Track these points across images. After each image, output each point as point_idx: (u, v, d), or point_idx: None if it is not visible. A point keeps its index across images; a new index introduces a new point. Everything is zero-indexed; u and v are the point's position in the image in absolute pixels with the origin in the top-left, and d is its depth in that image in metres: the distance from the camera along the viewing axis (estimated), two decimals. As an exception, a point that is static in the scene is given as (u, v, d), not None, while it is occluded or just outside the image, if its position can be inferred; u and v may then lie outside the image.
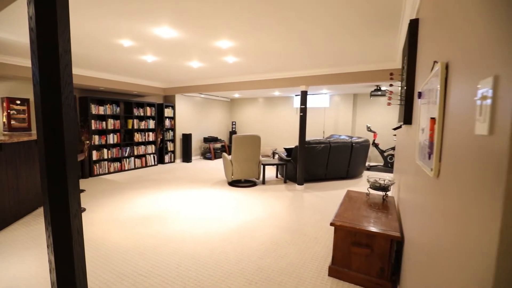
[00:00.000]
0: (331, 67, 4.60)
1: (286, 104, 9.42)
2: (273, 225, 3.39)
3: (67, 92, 1.23)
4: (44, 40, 1.17)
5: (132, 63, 4.57)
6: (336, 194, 4.87)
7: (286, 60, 4.22)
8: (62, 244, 1.28)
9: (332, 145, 5.62)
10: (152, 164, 7.52)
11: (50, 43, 1.17)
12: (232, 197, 4.56)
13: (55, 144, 1.21)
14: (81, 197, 4.50)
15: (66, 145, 1.24)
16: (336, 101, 8.43)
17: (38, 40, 1.16)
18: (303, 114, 4.96)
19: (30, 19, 1.17)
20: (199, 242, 2.90)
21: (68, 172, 1.25)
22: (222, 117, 10.35)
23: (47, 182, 1.22)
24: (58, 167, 1.22)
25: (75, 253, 1.32)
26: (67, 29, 1.23)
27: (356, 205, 2.70)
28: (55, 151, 1.22)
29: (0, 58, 4.09)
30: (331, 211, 3.95)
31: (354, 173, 6.08)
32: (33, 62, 1.20)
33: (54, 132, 1.21)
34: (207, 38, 3.20)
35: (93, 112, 5.96)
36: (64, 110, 1.22)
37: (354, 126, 8.28)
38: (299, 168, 5.08)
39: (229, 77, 5.94)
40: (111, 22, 2.72)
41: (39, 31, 1.16)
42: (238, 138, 5.13)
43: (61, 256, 1.28)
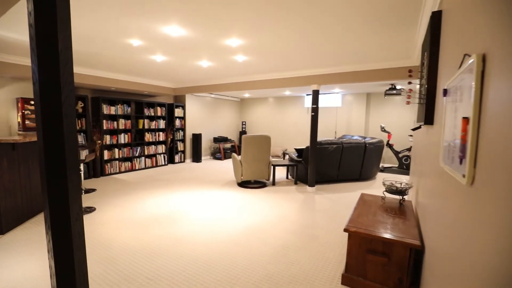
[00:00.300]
0: (345, 65, 4.45)
1: (297, 103, 9.28)
2: (283, 228, 3.29)
3: (68, 90, 1.18)
4: (44, 37, 1.11)
5: (142, 63, 4.57)
6: (349, 197, 4.71)
7: (298, 58, 4.11)
8: (62, 249, 1.23)
9: (345, 145, 5.45)
10: (162, 164, 7.55)
11: (49, 40, 1.12)
12: (242, 199, 4.49)
13: (54, 145, 1.16)
14: (92, 196, 4.56)
15: (67, 146, 1.18)
16: (349, 100, 8.22)
17: (37, 37, 1.11)
18: (315, 114, 4.83)
19: (29, 15, 1.12)
20: (207, 245, 2.83)
21: (69, 174, 1.20)
22: (232, 117, 10.30)
23: (46, 184, 1.17)
24: (57, 169, 1.17)
25: (75, 258, 1.27)
26: (68, 25, 1.17)
27: (371, 210, 2.56)
28: (55, 152, 1.17)
29: (15, 59, 4.17)
30: (343, 215, 3.81)
31: (368, 175, 5.89)
32: (32, 59, 1.15)
33: (53, 132, 1.16)
34: (216, 36, 3.14)
35: (105, 112, 6.02)
36: (64, 110, 1.17)
37: (368, 126, 8.05)
38: (310, 169, 4.95)
39: (239, 77, 5.87)
40: (120, 21, 2.69)
41: (38, 28, 1.10)
42: (247, 138, 5.05)
43: (61, 261, 1.23)
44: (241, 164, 5.15)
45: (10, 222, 3.20)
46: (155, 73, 5.64)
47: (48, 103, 1.14)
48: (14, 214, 3.27)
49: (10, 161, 3.22)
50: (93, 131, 5.79)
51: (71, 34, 1.19)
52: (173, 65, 4.73)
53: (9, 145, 3.19)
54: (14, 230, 3.19)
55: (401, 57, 3.91)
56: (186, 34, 3.05)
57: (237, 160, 5.24)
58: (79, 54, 3.99)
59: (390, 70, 4.21)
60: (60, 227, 1.21)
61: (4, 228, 3.10)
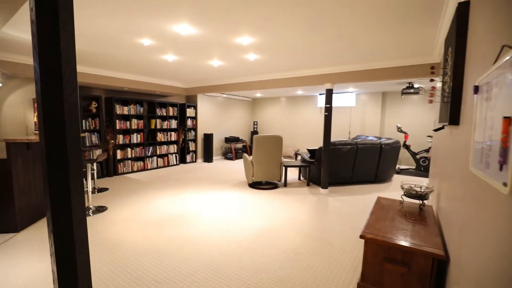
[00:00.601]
0: (360, 63, 4.28)
1: (309, 103, 9.12)
2: (295, 232, 3.19)
3: (70, 89, 1.13)
4: (45, 33, 1.07)
5: (154, 63, 4.57)
6: (364, 200, 4.54)
7: (311, 56, 3.99)
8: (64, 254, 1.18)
9: (359, 146, 5.27)
10: (174, 164, 7.59)
11: (51, 36, 1.07)
12: (252, 200, 4.41)
13: (56, 146, 1.12)
14: (104, 195, 4.61)
15: (69, 146, 1.14)
16: (363, 100, 7.99)
17: (38, 34, 1.07)
18: (328, 114, 4.69)
19: (31, 11, 1.08)
20: (216, 247, 2.77)
21: (71, 176, 1.15)
22: (244, 117, 10.25)
23: (48, 187, 1.13)
24: (59, 170, 1.13)
25: (78, 263, 1.22)
26: (70, 22, 1.12)
27: (388, 215, 2.42)
28: (57, 153, 1.12)
29: (31, 60, 4.26)
30: (358, 218, 3.66)
31: (383, 177, 5.68)
32: (34, 57, 1.11)
33: (55, 132, 1.12)
34: (227, 34, 3.07)
35: (118, 112, 6.10)
36: (66, 109, 1.12)
37: (383, 127, 7.79)
38: (323, 171, 4.81)
39: (251, 76, 5.79)
40: (130, 19, 2.67)
41: (40, 24, 1.06)
42: (259, 138, 4.97)
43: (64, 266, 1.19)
44: (252, 164, 5.07)
45: (25, 220, 3.26)
46: (166, 73, 5.65)
47: (49, 102, 1.10)
48: (29, 213, 3.33)
49: (25, 161, 3.28)
50: (107, 131, 5.87)
51: (74, 31, 1.15)
52: (184, 64, 4.71)
53: (24, 144, 3.25)
54: (28, 228, 3.24)
55: (420, 54, 3.72)
56: (196, 32, 3.00)
57: (248, 160, 5.17)
58: (92, 55, 4.03)
59: (408, 68, 4.02)
60: (63, 231, 1.17)
61: (19, 226, 3.16)
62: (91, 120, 5.68)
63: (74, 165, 1.18)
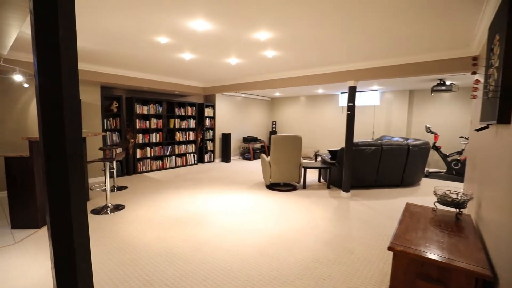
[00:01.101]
0: (387, 58, 3.99)
1: (330, 102, 8.80)
2: (314, 238, 3.00)
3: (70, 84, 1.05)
4: (44, 24, 0.99)
5: (171, 62, 4.56)
6: (389, 205, 4.23)
7: (333, 52, 3.77)
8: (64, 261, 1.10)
9: (384, 147, 4.95)
10: (192, 163, 7.61)
11: (50, 27, 0.99)
12: (270, 202, 4.26)
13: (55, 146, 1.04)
14: (123, 194, 4.65)
15: (69, 147, 1.05)
16: (388, 98, 7.57)
17: (36, 23, 0.99)
18: (351, 113, 4.43)
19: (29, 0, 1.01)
20: (230, 252, 2.65)
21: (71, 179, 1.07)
22: (262, 116, 10.12)
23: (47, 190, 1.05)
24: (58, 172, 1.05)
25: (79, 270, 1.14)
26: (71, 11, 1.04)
27: (420, 224, 2.18)
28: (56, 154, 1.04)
29: (56, 61, 4.39)
30: (383, 225, 3.40)
31: (410, 181, 5.30)
32: (33, 50, 1.04)
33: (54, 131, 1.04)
34: (244, 30, 2.94)
35: (138, 112, 6.19)
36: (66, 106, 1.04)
37: (410, 127, 7.33)
38: (345, 173, 4.56)
39: (269, 74, 5.64)
40: (145, 16, 2.62)
41: (38, 13, 0.98)
42: (277, 138, 4.80)
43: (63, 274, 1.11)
44: (270, 165, 4.92)
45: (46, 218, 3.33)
46: (184, 73, 5.64)
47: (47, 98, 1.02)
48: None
49: (47, 158, 3.35)
50: (127, 130, 5.97)
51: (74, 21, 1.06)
52: (202, 63, 4.66)
53: (46, 143, 3.32)
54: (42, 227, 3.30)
55: (455, 46, 3.38)
56: (212, 28, 2.90)
57: (266, 161, 5.02)
58: (110, 55, 4.07)
59: (441, 62, 3.68)
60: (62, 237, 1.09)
61: (40, 223, 3.23)
62: (112, 119, 5.80)
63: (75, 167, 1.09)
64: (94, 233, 3.04)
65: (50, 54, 1.01)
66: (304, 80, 5.14)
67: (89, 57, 4.24)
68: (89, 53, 4.02)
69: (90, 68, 4.83)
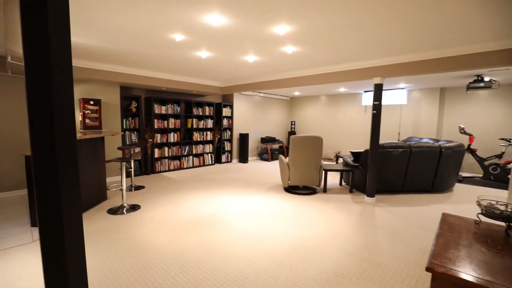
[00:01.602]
0: (417, 52, 3.64)
1: (352, 101, 8.41)
2: (336, 248, 2.76)
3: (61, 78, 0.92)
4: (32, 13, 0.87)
5: (188, 60, 4.48)
6: (420, 213, 3.88)
7: (359, 46, 3.49)
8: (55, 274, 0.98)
9: (413, 149, 4.57)
10: (209, 164, 7.55)
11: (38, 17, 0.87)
12: (288, 206, 4.05)
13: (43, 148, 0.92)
14: (140, 194, 4.64)
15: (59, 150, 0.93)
16: (416, 97, 7.08)
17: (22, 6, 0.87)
18: (377, 112, 4.12)
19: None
20: (245, 260, 2.48)
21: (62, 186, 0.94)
22: (281, 116, 9.89)
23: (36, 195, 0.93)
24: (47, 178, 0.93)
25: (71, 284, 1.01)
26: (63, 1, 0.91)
27: (462, 240, 1.88)
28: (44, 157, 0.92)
29: (76, 62, 4.46)
30: (414, 236, 3.08)
31: (442, 186, 4.87)
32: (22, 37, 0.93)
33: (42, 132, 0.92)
34: (261, 23, 2.77)
35: (156, 112, 6.21)
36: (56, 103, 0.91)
37: (440, 127, 6.80)
38: (370, 177, 4.25)
39: (288, 72, 5.42)
40: (159, 12, 2.52)
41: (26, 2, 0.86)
42: (296, 139, 4.58)
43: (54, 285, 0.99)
44: (289, 167, 4.71)
45: (64, 216, 3.34)
46: (202, 72, 5.56)
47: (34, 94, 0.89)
48: (68, 208, 3.40)
49: (65, 158, 3.36)
50: (145, 130, 6.00)
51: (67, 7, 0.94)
52: (219, 61, 4.54)
53: (64, 142, 3.33)
54: (66, 223, 3.31)
55: (497, 37, 2.99)
56: (228, 22, 2.75)
57: (284, 162, 4.82)
58: (126, 54, 4.05)
59: (481, 56, 3.28)
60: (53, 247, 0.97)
61: (58, 222, 3.24)
62: (131, 119, 5.85)
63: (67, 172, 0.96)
64: (108, 234, 3.00)
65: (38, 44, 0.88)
66: (326, 78, 4.86)
67: (107, 57, 4.26)
68: (106, 53, 4.03)
69: (110, 68, 4.87)
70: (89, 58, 4.36)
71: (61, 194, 0.94)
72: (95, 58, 4.39)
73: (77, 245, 1.01)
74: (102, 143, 4.16)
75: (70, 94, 0.97)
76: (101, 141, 4.14)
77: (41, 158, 0.91)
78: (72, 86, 0.97)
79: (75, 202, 1.00)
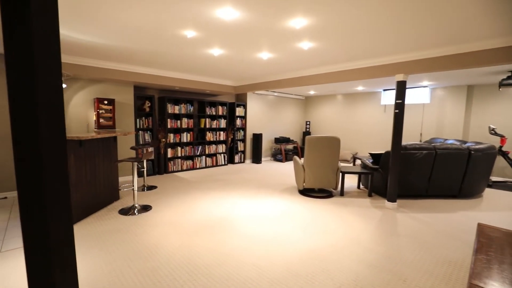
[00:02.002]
0: (446, 45, 3.35)
1: (371, 101, 8.06)
2: (355, 257, 2.55)
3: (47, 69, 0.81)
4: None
5: (200, 59, 4.38)
6: (447, 220, 3.58)
7: (381, 40, 3.26)
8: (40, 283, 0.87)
9: (439, 151, 4.26)
10: (222, 164, 7.46)
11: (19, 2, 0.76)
12: (303, 210, 3.86)
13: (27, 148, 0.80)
14: (152, 194, 4.59)
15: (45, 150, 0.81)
16: (440, 95, 6.67)
17: None
18: (399, 112, 3.85)
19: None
20: (258, 269, 2.33)
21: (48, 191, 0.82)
22: (295, 116, 9.67)
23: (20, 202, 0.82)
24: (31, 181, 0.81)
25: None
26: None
27: (506, 257, 1.64)
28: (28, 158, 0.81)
29: (91, 62, 4.47)
30: (442, 247, 2.82)
31: (471, 191, 4.51)
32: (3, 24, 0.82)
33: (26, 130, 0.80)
34: (277, 16, 2.61)
35: (169, 111, 6.17)
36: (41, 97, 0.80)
37: (467, 128, 6.37)
38: (391, 180, 3.98)
39: (304, 70, 5.22)
40: (167, 7, 2.41)
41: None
42: (312, 139, 4.38)
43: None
44: (304, 168, 4.51)
45: (76, 216, 3.32)
46: (214, 71, 5.47)
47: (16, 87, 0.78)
48: (80, 209, 3.39)
49: (77, 157, 3.34)
50: (158, 130, 5.98)
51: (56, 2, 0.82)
52: (232, 59, 4.41)
53: (76, 142, 3.32)
54: (78, 223, 3.29)
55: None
56: (241, 16, 2.60)
57: (299, 164, 4.62)
58: (139, 53, 4.00)
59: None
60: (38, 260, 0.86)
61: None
62: (145, 119, 5.84)
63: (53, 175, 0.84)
64: (118, 235, 2.94)
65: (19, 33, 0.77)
66: (345, 76, 4.63)
67: (120, 56, 4.23)
68: (118, 52, 4.00)
69: (123, 67, 4.86)
70: (102, 57, 4.36)
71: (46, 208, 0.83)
72: (109, 58, 4.38)
73: (66, 256, 0.89)
74: (114, 142, 4.14)
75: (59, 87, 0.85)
76: (113, 140, 4.12)
77: (24, 160, 0.80)
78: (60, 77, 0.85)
79: (63, 215, 0.89)
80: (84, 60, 4.39)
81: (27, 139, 0.80)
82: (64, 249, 0.88)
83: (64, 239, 0.88)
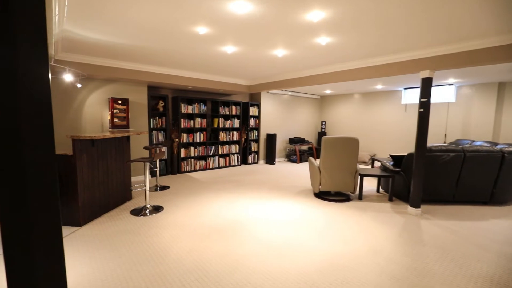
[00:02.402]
0: (479, 38, 3.06)
1: (390, 100, 7.71)
2: (377, 269, 2.35)
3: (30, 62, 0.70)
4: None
5: (213, 57, 4.28)
6: (476, 228, 3.28)
7: (406, 33, 3.03)
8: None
9: (468, 154, 3.94)
10: (235, 164, 7.35)
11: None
12: (319, 214, 3.67)
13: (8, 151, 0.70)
14: (164, 194, 4.54)
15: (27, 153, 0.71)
16: (467, 94, 6.25)
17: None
18: (424, 111, 3.58)
19: None
20: (271, 278, 2.19)
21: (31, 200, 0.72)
22: (311, 116, 9.43)
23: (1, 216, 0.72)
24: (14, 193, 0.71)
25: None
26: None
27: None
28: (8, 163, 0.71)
29: (105, 62, 4.48)
30: (474, 259, 2.56)
31: (503, 198, 4.15)
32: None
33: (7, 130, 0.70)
34: (293, 8, 2.45)
35: (183, 111, 6.14)
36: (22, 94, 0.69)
37: (498, 129, 5.92)
38: (415, 184, 3.72)
39: (321, 68, 5.01)
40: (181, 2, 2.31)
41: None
42: (329, 140, 4.18)
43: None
44: (320, 170, 4.31)
45: (87, 215, 3.31)
46: (228, 69, 5.36)
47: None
48: (92, 208, 3.37)
49: (89, 157, 3.33)
50: (172, 129, 5.96)
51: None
52: (245, 57, 4.29)
53: (89, 141, 3.30)
54: (90, 223, 3.28)
55: None
56: (255, 9, 2.47)
57: (314, 166, 4.43)
58: (151, 51, 3.96)
59: None
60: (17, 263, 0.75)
61: (82, 221, 3.21)
62: (158, 118, 5.83)
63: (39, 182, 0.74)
64: (128, 237, 2.88)
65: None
66: (364, 73, 4.38)
67: (133, 55, 4.21)
68: (131, 51, 3.96)
69: (137, 67, 4.85)
70: (116, 57, 4.36)
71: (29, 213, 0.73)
72: (122, 57, 4.37)
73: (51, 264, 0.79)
74: (127, 142, 4.12)
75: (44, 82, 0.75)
76: (126, 140, 4.10)
77: (6, 172, 0.70)
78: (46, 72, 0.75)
79: (56, 230, 0.78)
80: (99, 60, 4.41)
81: (6, 139, 0.71)
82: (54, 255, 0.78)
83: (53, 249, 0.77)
